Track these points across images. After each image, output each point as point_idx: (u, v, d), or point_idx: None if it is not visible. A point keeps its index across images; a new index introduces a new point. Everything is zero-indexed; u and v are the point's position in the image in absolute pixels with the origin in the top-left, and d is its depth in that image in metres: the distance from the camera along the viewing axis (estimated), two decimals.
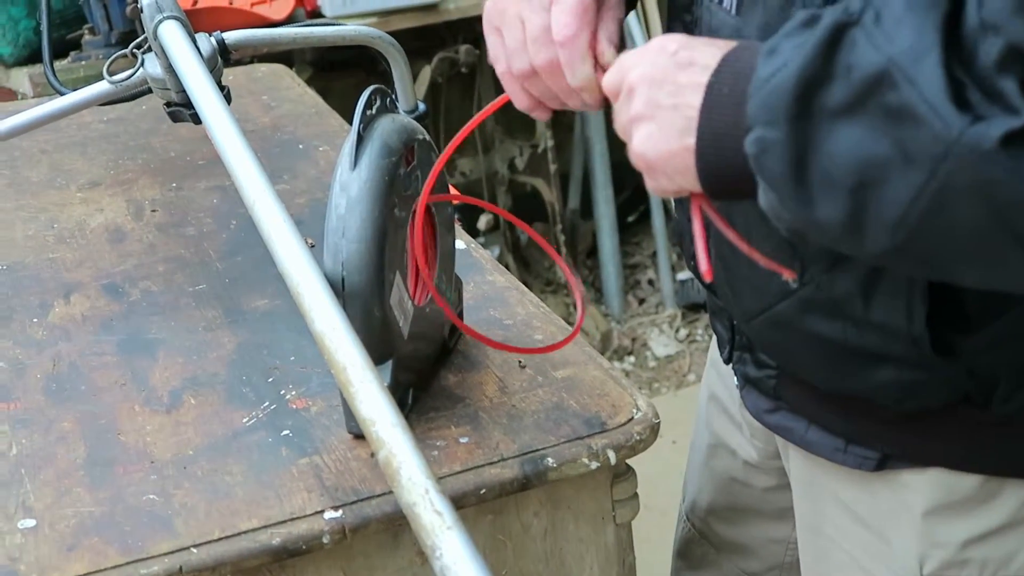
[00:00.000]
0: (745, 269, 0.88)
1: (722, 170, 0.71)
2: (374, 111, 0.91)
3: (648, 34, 2.95)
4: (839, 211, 0.65)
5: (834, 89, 0.64)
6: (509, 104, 0.90)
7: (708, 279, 0.78)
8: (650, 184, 0.77)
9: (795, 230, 0.70)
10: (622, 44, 0.84)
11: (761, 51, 0.68)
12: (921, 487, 0.91)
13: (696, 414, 1.25)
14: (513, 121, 3.14)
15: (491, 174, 3.15)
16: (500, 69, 0.87)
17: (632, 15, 2.92)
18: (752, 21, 0.81)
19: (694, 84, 0.71)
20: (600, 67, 0.82)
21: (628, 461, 0.95)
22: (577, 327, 0.97)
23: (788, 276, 0.79)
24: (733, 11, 0.83)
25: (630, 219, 3.47)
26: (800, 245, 0.84)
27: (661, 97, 0.73)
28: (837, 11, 0.66)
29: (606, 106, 0.83)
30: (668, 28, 0.95)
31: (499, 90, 0.91)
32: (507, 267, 1.18)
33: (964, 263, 0.66)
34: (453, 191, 1.12)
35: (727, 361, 1.03)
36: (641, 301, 3.28)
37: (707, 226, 0.78)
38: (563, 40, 0.81)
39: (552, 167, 3.09)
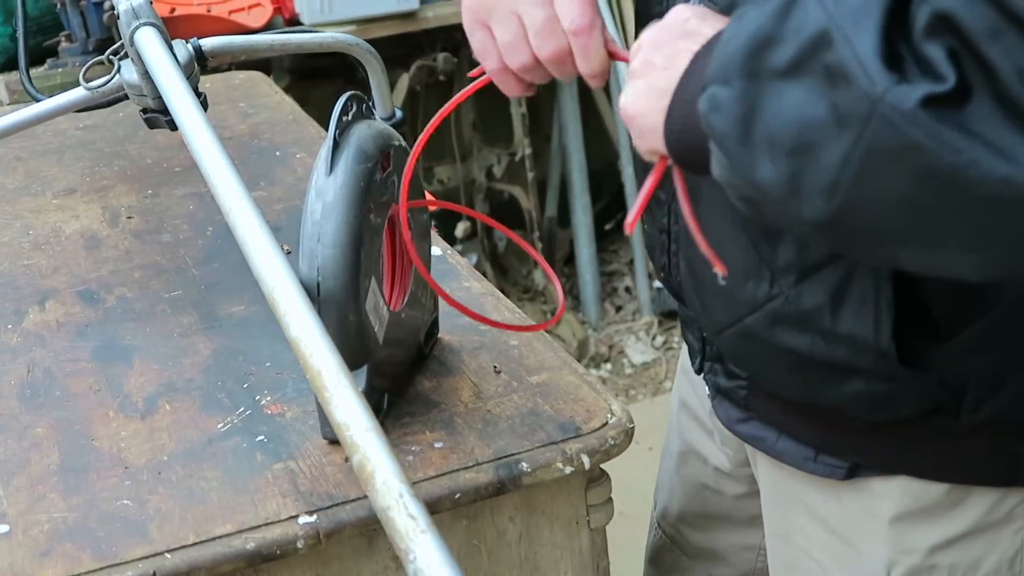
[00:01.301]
0: (715, 281, 0.88)
1: (686, 135, 0.72)
2: (350, 117, 0.92)
3: (623, 31, 2.95)
4: (779, 173, 0.65)
5: (781, 49, 0.64)
6: (488, 113, 0.91)
7: (629, 231, 0.78)
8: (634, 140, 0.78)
9: (746, 198, 0.70)
10: None
11: (733, 15, 0.69)
12: (889, 494, 0.92)
13: (668, 421, 1.25)
14: (491, 129, 3.15)
15: (469, 182, 3.16)
16: (492, 65, 0.86)
17: (606, 11, 2.93)
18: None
19: (688, 51, 0.73)
20: (607, 42, 0.83)
21: (603, 466, 0.95)
22: (560, 311, 0.99)
23: (720, 270, 0.79)
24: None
25: (607, 227, 3.48)
26: (770, 257, 0.84)
27: (656, 58, 0.74)
28: None
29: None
30: (638, 22, 0.96)
31: (477, 97, 0.91)
32: (485, 274, 1.18)
33: (903, 243, 0.66)
34: (430, 198, 1.12)
35: (698, 371, 1.04)
36: (618, 308, 3.29)
37: (676, 238, 0.78)
38: (577, 30, 0.81)
39: (530, 175, 3.09)
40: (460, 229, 3.12)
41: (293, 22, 2.55)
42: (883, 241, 0.67)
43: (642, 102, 0.75)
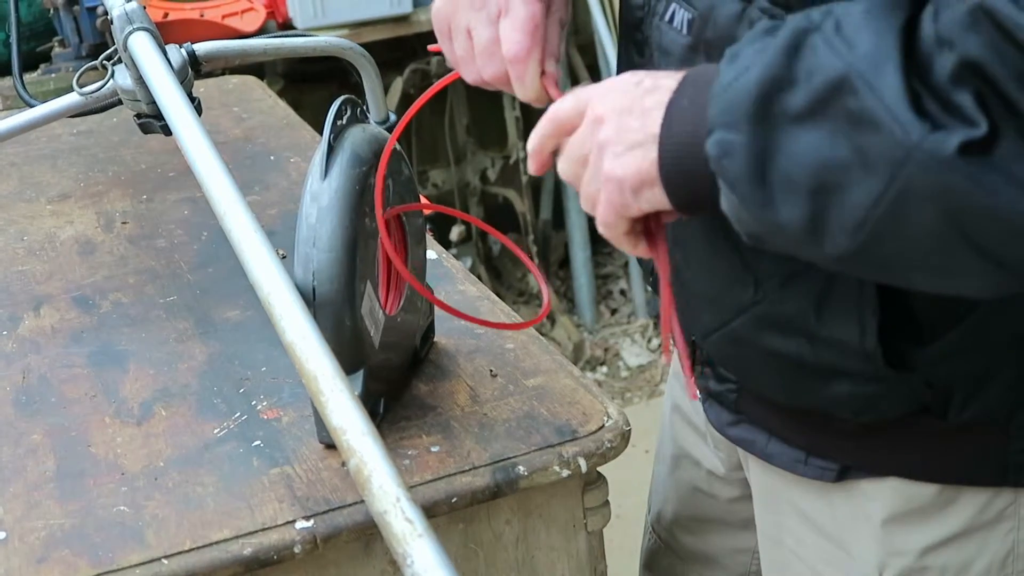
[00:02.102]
0: (701, 286, 0.88)
1: (683, 178, 0.72)
2: (344, 121, 0.92)
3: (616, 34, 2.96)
4: (799, 213, 0.66)
5: (795, 93, 0.64)
6: (482, 116, 0.93)
7: (666, 361, 0.78)
8: (617, 216, 0.77)
9: (755, 234, 0.70)
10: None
11: (723, 58, 0.69)
12: (880, 496, 0.92)
13: (660, 425, 1.25)
14: (485, 132, 3.15)
15: (463, 185, 3.16)
16: (461, 73, 0.89)
17: (600, 18, 2.93)
18: (702, 40, 0.81)
19: (658, 104, 0.72)
20: (546, 75, 0.84)
21: (599, 469, 0.95)
22: (546, 306, 1.01)
23: (665, 358, 0.79)
24: (684, 30, 0.83)
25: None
26: (754, 262, 0.84)
27: (630, 121, 0.73)
28: (798, 19, 0.67)
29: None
30: (620, 47, 0.96)
31: (471, 100, 0.92)
32: (480, 278, 1.18)
33: (920, 268, 0.67)
34: (424, 202, 1.12)
35: (689, 375, 1.04)
36: (613, 311, 3.29)
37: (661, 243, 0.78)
38: (513, 58, 0.82)
39: (524, 178, 3.09)
40: (455, 233, 3.12)
41: (286, 26, 2.55)
42: (902, 269, 0.68)
43: (629, 163, 0.73)
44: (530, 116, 3.15)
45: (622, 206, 0.75)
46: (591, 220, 3.10)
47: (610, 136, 0.74)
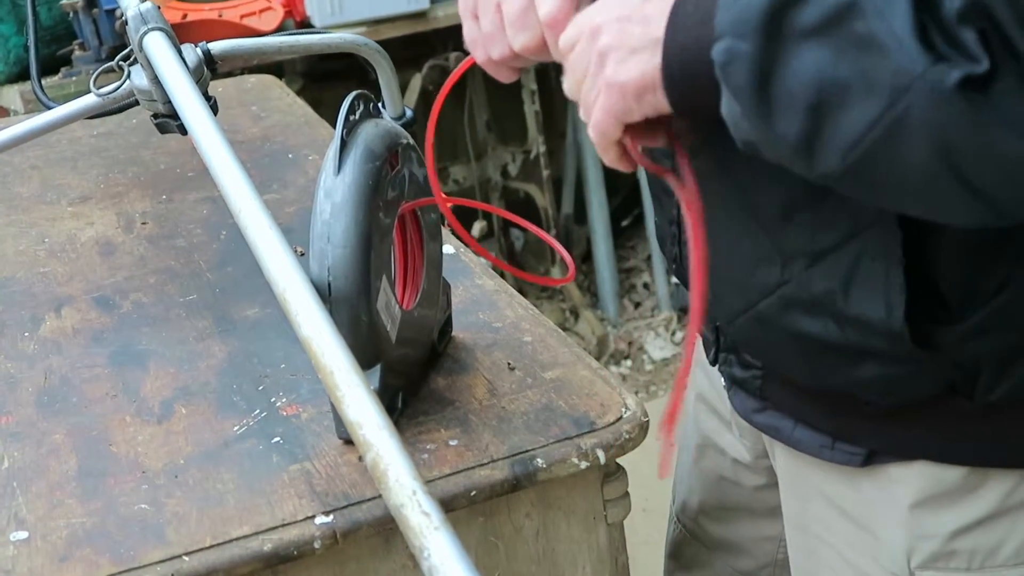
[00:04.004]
0: (726, 269, 0.88)
1: (687, 83, 0.73)
2: (357, 116, 0.92)
3: None
4: (795, 127, 0.67)
5: (805, 10, 0.65)
6: (502, 111, 0.91)
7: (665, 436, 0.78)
8: (610, 125, 0.77)
9: (751, 142, 0.71)
10: None
11: None
12: (908, 480, 0.91)
13: (684, 415, 1.25)
14: (505, 128, 3.15)
15: (484, 181, 3.16)
16: (479, 56, 0.87)
17: None
18: None
19: (661, 10, 0.73)
20: None
21: (624, 461, 0.95)
22: (571, 271, 1.02)
23: (670, 180, 0.78)
24: None
25: (624, 223, 3.48)
26: (780, 242, 0.84)
27: (631, 27, 0.74)
28: None
29: None
30: None
31: (490, 95, 0.91)
32: (501, 274, 1.18)
33: (907, 195, 0.69)
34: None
35: (713, 363, 1.04)
36: (637, 305, 3.29)
37: (686, 228, 0.78)
38: (551, 21, 0.81)
39: (545, 173, 3.09)
40: (476, 229, 3.12)
41: (304, 25, 2.56)
42: (888, 193, 0.70)
43: (632, 67, 0.74)
44: (550, 111, 3.15)
45: (623, 111, 0.76)
46: (614, 214, 3.09)
47: (611, 43, 0.75)
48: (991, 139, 0.62)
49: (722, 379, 1.04)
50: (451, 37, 2.85)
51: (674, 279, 3.16)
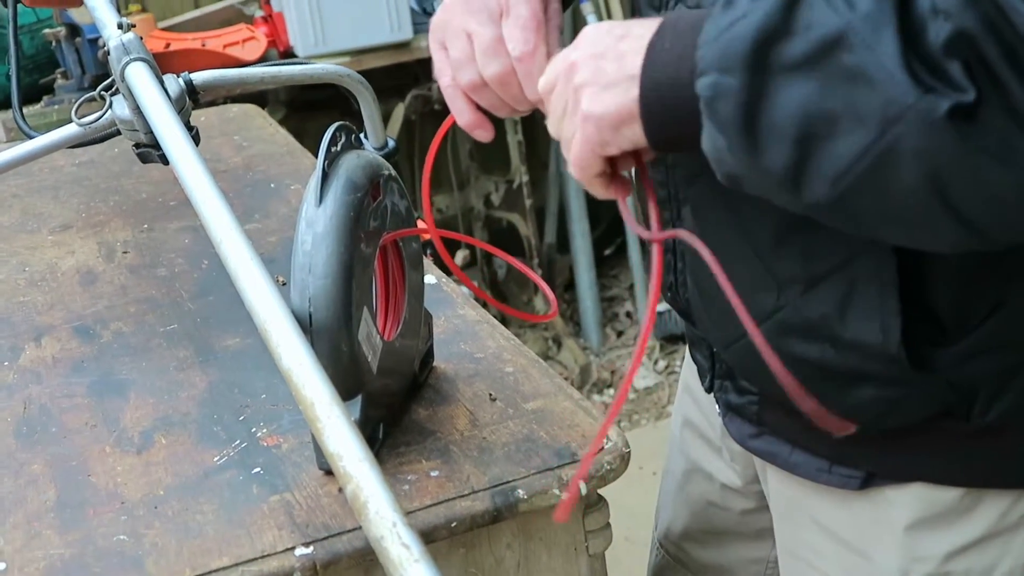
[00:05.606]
0: (722, 295, 0.88)
1: (665, 116, 0.73)
2: (339, 147, 0.92)
3: None
4: (783, 160, 0.68)
5: (791, 44, 0.66)
6: (484, 142, 0.92)
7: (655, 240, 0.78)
8: (591, 159, 0.78)
9: (734, 176, 0.72)
10: None
11: (718, 3, 0.70)
12: (903, 502, 0.92)
13: (668, 441, 1.25)
14: (488, 157, 3.15)
15: (467, 210, 3.16)
16: (445, 83, 0.88)
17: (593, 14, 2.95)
18: None
19: (635, 48, 0.74)
20: None
21: (606, 493, 0.95)
22: (554, 306, 1.01)
23: (806, 407, 0.75)
24: None
25: (607, 252, 3.49)
26: (776, 268, 0.84)
27: (605, 64, 0.75)
28: None
29: None
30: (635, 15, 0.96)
31: None
32: (483, 304, 1.18)
33: (893, 222, 0.70)
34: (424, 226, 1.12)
35: (708, 390, 1.04)
36: (619, 334, 3.29)
37: (682, 256, 0.78)
38: (521, 56, 0.83)
39: (528, 202, 3.10)
40: (459, 257, 3.12)
41: (288, 55, 2.57)
42: (875, 223, 0.71)
43: (608, 100, 0.75)
44: (533, 140, 3.16)
45: (600, 144, 0.77)
46: (596, 243, 3.10)
47: (586, 78, 0.76)
48: (977, 166, 0.64)
49: (716, 406, 1.04)
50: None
51: (658, 308, 3.16)
